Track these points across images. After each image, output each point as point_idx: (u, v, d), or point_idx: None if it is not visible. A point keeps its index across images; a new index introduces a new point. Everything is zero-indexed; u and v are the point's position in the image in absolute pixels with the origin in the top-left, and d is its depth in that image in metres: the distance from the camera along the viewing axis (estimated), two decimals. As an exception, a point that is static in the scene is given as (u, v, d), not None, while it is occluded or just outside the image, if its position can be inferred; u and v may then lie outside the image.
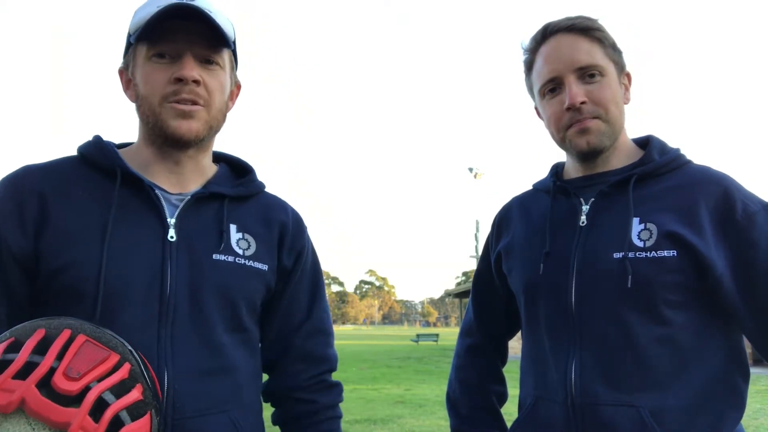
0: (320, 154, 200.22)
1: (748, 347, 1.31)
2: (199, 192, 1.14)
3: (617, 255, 1.19)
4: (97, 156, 1.11)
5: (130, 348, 0.86)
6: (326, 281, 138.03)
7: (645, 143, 1.33)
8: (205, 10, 1.07)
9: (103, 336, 0.83)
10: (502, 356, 1.55)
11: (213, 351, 1.09)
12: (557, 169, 1.40)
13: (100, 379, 0.78)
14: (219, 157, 1.27)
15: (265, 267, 1.17)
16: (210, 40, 1.10)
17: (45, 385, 0.74)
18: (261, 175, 1.29)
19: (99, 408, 0.76)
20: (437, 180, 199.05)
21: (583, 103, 1.22)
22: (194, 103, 1.09)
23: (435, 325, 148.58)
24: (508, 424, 1.40)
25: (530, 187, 1.47)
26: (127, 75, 1.14)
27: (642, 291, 1.16)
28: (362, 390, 11.99)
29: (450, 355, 25.02)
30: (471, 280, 1.57)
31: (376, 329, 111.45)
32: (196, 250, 1.10)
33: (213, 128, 1.15)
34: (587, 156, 1.27)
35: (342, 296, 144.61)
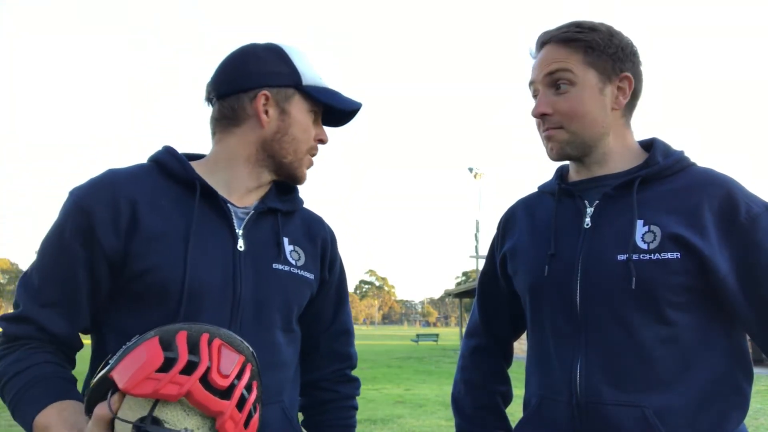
0: (320, 154, 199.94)
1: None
2: (259, 206, 1.27)
3: (621, 257, 1.20)
4: (178, 168, 1.21)
5: (251, 350, 0.98)
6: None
7: (649, 145, 1.33)
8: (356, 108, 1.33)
9: (234, 340, 0.96)
10: (507, 357, 1.56)
11: (272, 348, 1.22)
12: (562, 172, 1.41)
13: (238, 377, 0.92)
14: None
15: (311, 276, 1.32)
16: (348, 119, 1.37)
17: (203, 380, 0.87)
18: None
19: (240, 401, 0.91)
20: (437, 180, 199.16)
21: (545, 114, 1.28)
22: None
23: (435, 325, 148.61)
24: (513, 425, 1.41)
25: (535, 189, 1.48)
26: (275, 101, 1.25)
27: (646, 292, 1.17)
28: (362, 390, 11.92)
29: (450, 355, 25.05)
30: (471, 280, 1.58)
31: (376, 329, 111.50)
32: (260, 259, 1.22)
33: None
34: (559, 161, 1.35)
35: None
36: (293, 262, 1.27)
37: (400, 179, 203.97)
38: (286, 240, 1.28)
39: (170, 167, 1.22)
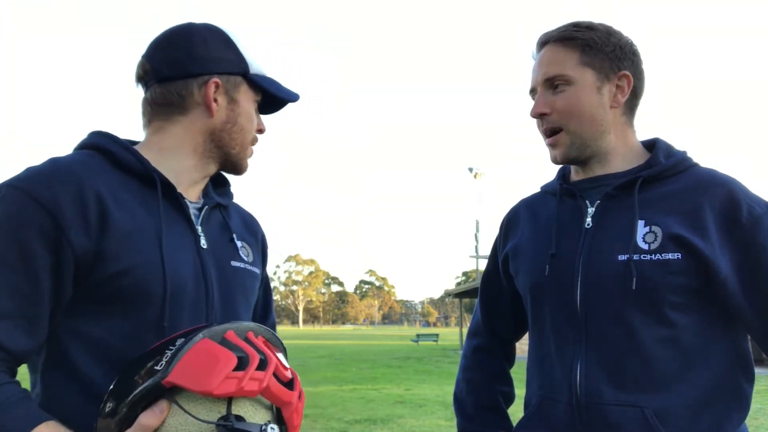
0: (320, 154, 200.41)
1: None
2: (209, 201, 1.22)
3: (622, 257, 1.20)
4: (131, 161, 1.10)
5: (283, 344, 1.02)
6: (326, 281, 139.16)
7: (652, 145, 1.33)
8: (294, 98, 1.27)
9: (271, 337, 0.99)
10: (510, 357, 1.57)
11: None
12: (564, 172, 1.41)
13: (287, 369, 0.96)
14: None
15: (259, 272, 1.29)
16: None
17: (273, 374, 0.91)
18: (261, 173, 1.36)
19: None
20: (437, 180, 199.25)
21: (544, 114, 1.29)
22: None
23: (435, 325, 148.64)
24: (515, 425, 1.41)
25: (537, 189, 1.48)
26: (224, 90, 1.18)
27: (646, 293, 1.17)
28: (362, 390, 11.99)
29: (450, 355, 25.06)
30: (471, 280, 1.58)
31: (376, 329, 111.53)
32: (220, 257, 1.18)
33: None
34: (564, 164, 1.36)
35: (342, 296, 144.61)
36: (245, 259, 1.24)
37: (401, 179, 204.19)
38: (234, 236, 1.24)
39: (122, 158, 1.10)
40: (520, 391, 1.40)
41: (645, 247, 1.19)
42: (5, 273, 0.96)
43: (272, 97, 1.25)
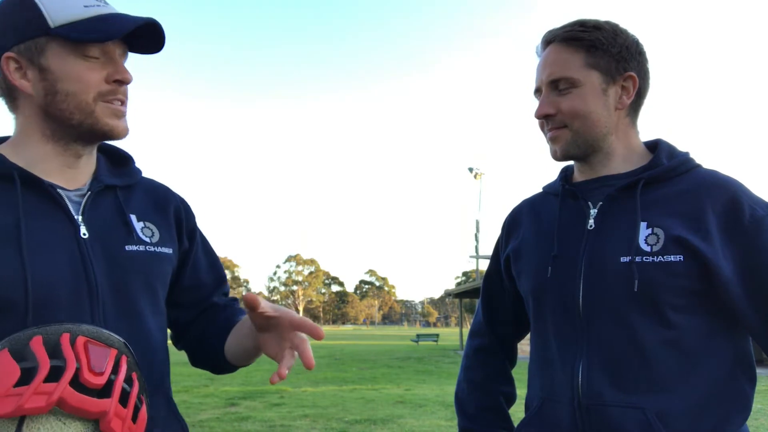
0: (320, 155, 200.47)
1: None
2: (94, 186, 1.12)
3: (624, 259, 1.20)
4: None
5: (123, 341, 0.91)
6: (326, 281, 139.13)
7: (654, 146, 1.33)
8: (142, 17, 1.07)
9: (100, 334, 0.88)
10: (511, 357, 1.57)
11: (145, 335, 1.12)
12: (566, 173, 1.41)
13: (114, 372, 0.84)
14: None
15: (170, 251, 1.20)
16: (151, 41, 1.11)
17: (74, 383, 0.80)
18: (261, 173, 1.29)
19: (122, 396, 0.84)
20: (437, 180, 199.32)
21: (549, 115, 1.28)
22: (123, 103, 1.10)
23: (435, 325, 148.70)
24: (516, 425, 1.41)
25: (539, 190, 1.48)
26: (22, 62, 1.04)
27: (648, 295, 1.17)
28: (362, 390, 11.99)
29: (450, 355, 25.06)
30: (471, 280, 1.57)
31: (376, 329, 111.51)
32: (109, 244, 1.09)
33: None
34: (563, 161, 1.35)
35: (342, 296, 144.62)
36: (147, 240, 1.15)
37: (401, 179, 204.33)
38: (133, 217, 1.15)
39: None
40: (521, 391, 1.39)
41: (647, 249, 1.19)
42: None
43: (97, 38, 1.04)
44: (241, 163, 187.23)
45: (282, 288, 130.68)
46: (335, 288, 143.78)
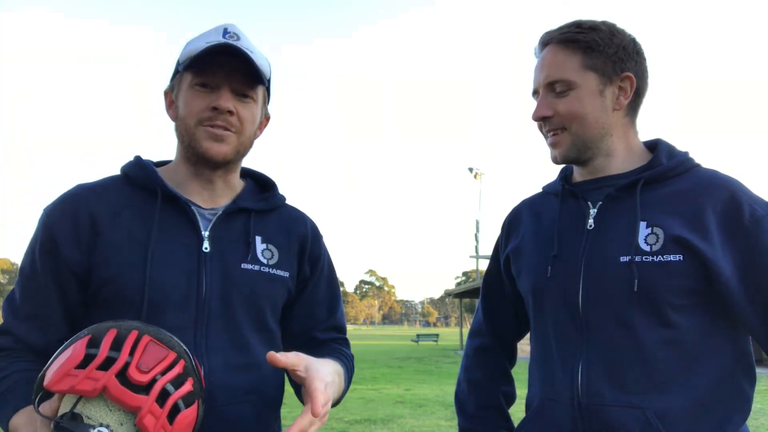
0: (320, 154, 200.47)
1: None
2: (229, 207, 1.27)
3: (624, 259, 1.20)
4: (140, 176, 1.24)
5: (184, 348, 0.99)
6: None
7: (654, 146, 1.33)
8: (245, 50, 1.19)
9: (164, 337, 0.97)
10: (511, 357, 1.57)
11: (241, 349, 1.22)
12: (566, 173, 1.41)
13: (162, 373, 0.92)
14: (245, 173, 1.39)
15: (286, 275, 1.30)
16: (247, 76, 1.22)
17: (122, 375, 0.88)
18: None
19: (162, 396, 0.91)
20: (437, 180, 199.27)
21: (547, 117, 1.29)
22: (226, 129, 1.21)
23: (435, 325, 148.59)
24: (516, 425, 1.41)
25: (539, 190, 1.48)
26: (171, 97, 1.27)
27: (648, 295, 1.17)
28: (362, 390, 11.99)
29: (450, 355, 25.05)
30: (471, 280, 1.58)
31: (376, 329, 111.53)
32: (227, 259, 1.22)
33: (240, 152, 1.28)
34: (564, 164, 1.36)
35: (342, 296, 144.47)
36: (264, 261, 1.26)
37: (401, 179, 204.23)
38: (258, 239, 1.28)
39: (133, 175, 1.24)
40: (521, 391, 1.39)
41: (647, 248, 1.19)
42: (27, 282, 1.19)
43: (200, 62, 1.18)
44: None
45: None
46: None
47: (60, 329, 1.17)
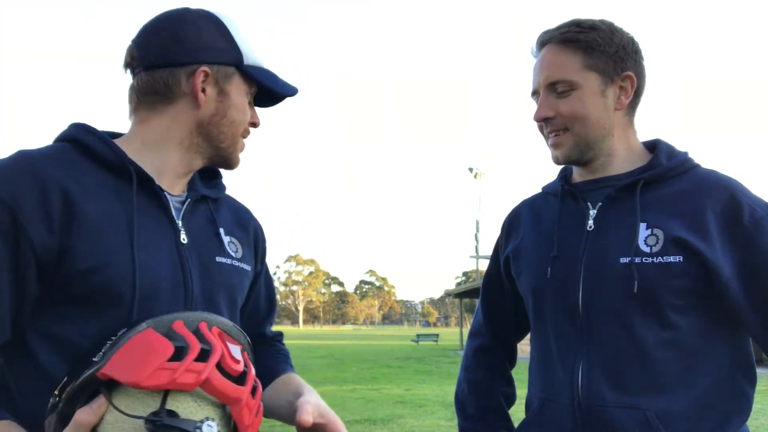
0: (319, 154, 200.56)
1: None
2: (193, 194, 1.16)
3: (624, 260, 1.20)
4: (107, 152, 1.05)
5: (247, 338, 0.96)
6: (326, 281, 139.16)
7: (653, 146, 1.33)
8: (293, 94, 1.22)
9: (230, 329, 0.93)
10: (511, 358, 1.56)
11: None
12: (566, 172, 1.41)
13: (245, 364, 0.88)
14: None
15: (249, 269, 1.23)
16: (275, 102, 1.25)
17: (218, 367, 0.83)
18: (260, 173, 1.31)
19: (253, 388, 0.88)
20: (437, 180, 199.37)
21: (548, 118, 1.28)
22: None
23: (435, 325, 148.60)
24: (516, 425, 1.41)
25: (539, 190, 1.48)
26: (214, 80, 1.12)
27: (648, 296, 1.17)
28: (362, 390, 12.00)
29: (450, 355, 25.06)
30: (471, 280, 1.57)
31: (376, 329, 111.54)
32: (203, 252, 1.13)
33: None
34: (565, 165, 1.35)
35: (342, 296, 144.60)
36: (233, 254, 1.18)
37: (401, 179, 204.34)
38: (222, 230, 1.18)
39: (97, 150, 1.05)
40: (521, 391, 1.39)
41: (647, 249, 1.19)
42: None
43: (268, 91, 1.19)
44: (241, 162, 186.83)
45: (282, 288, 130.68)
46: (335, 288, 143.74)
47: (6, 332, 0.95)
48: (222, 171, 1.27)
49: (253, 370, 0.89)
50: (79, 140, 1.06)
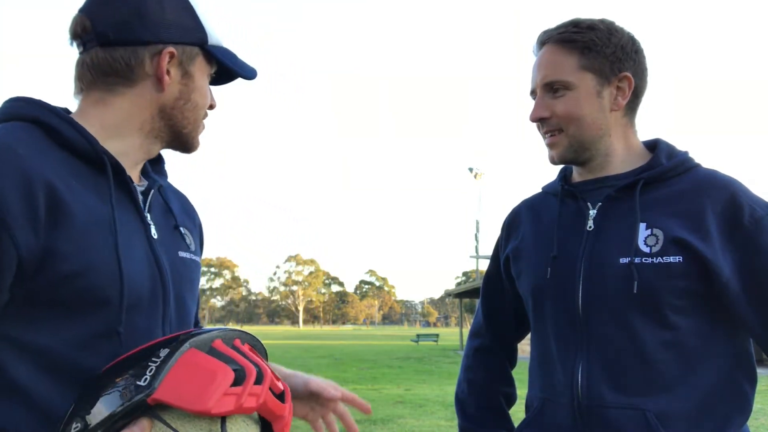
0: (320, 154, 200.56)
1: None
2: (153, 183, 1.09)
3: (624, 260, 1.20)
4: (76, 139, 0.95)
5: (263, 346, 0.96)
6: (326, 281, 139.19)
7: (654, 146, 1.33)
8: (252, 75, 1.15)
9: (256, 343, 0.94)
10: (511, 358, 1.56)
11: None
12: (566, 172, 1.41)
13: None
14: None
15: (199, 260, 1.16)
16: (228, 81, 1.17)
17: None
18: (260, 173, 1.27)
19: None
20: (437, 179, 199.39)
21: (544, 118, 1.28)
22: None
23: (435, 325, 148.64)
24: (516, 425, 1.41)
25: (539, 190, 1.48)
26: (179, 61, 1.04)
27: (648, 296, 1.17)
28: (362, 390, 11.99)
29: (450, 355, 25.06)
30: (471, 280, 1.57)
31: (376, 329, 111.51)
32: (169, 248, 1.05)
33: None
34: (562, 165, 1.36)
35: (342, 296, 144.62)
36: (190, 248, 1.11)
37: (401, 179, 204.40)
38: (177, 222, 1.11)
39: (67, 136, 0.94)
40: (521, 391, 1.39)
41: (646, 250, 1.19)
42: None
43: (226, 71, 1.11)
44: (240, 162, 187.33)
45: (282, 288, 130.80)
46: (335, 288, 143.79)
47: None
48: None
49: (285, 385, 0.91)
50: (43, 121, 0.95)
